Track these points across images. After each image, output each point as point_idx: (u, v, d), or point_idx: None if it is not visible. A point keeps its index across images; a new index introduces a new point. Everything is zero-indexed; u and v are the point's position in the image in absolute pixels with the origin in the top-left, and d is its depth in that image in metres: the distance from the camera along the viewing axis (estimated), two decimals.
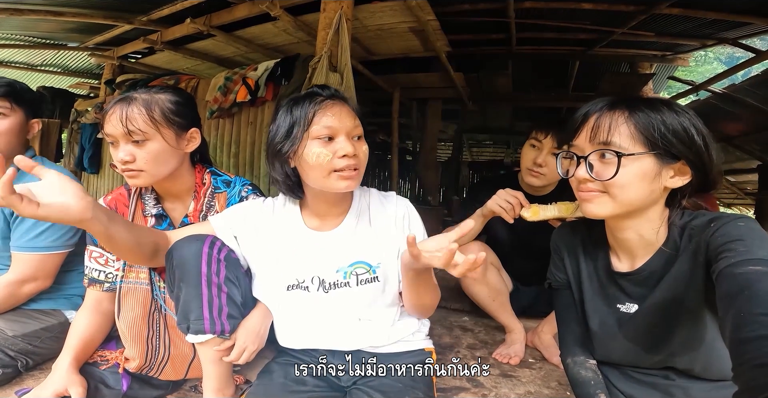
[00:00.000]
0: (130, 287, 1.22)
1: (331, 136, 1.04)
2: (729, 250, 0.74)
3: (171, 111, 1.18)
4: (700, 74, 11.56)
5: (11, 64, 5.22)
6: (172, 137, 1.18)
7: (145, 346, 1.20)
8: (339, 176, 1.03)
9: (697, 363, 0.93)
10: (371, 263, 1.13)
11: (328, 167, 1.03)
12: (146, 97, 1.17)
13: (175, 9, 3.24)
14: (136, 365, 1.20)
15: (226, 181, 1.32)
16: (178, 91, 1.28)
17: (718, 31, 3.80)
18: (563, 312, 1.11)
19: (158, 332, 1.22)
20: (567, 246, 1.11)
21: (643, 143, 0.83)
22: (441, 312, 2.08)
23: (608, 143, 0.84)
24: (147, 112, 1.14)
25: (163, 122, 1.16)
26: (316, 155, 1.02)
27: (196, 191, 1.28)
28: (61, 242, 1.37)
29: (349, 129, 1.05)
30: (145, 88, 1.24)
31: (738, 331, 0.64)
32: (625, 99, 0.87)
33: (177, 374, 1.25)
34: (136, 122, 1.12)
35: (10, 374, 1.29)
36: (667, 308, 0.89)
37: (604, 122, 0.85)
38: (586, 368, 1.02)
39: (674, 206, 0.89)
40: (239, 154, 3.09)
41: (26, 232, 1.33)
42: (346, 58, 2.37)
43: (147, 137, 1.14)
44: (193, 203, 1.27)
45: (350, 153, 1.02)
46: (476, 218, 1.59)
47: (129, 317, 1.20)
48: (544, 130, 1.62)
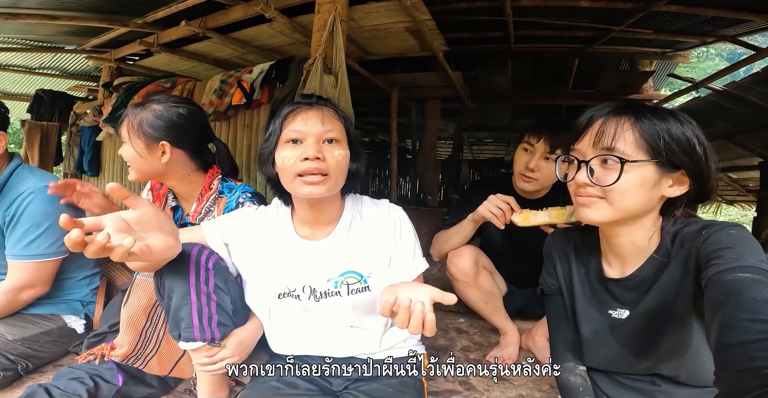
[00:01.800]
0: (143, 279, 1.27)
1: (298, 139, 1.03)
2: (719, 257, 0.74)
3: (148, 123, 1.24)
4: (701, 71, 11.48)
5: (10, 67, 5.22)
6: (141, 147, 1.25)
7: (138, 336, 1.23)
8: (302, 181, 1.02)
9: (683, 369, 0.93)
10: (362, 273, 1.12)
11: (291, 170, 1.02)
12: (147, 104, 1.27)
13: (170, 11, 3.22)
14: (122, 353, 1.22)
15: (230, 187, 1.36)
16: (179, 104, 1.31)
17: (717, 28, 3.76)
18: (554, 319, 1.12)
19: (155, 325, 1.25)
20: (559, 252, 1.11)
21: (646, 151, 0.83)
22: (437, 314, 2.02)
23: (612, 148, 0.84)
24: (132, 118, 1.24)
25: (135, 130, 1.24)
26: (282, 159, 1.03)
27: (201, 195, 1.33)
28: (54, 248, 1.37)
29: (319, 132, 1.03)
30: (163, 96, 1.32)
31: (722, 336, 0.65)
32: (631, 106, 0.87)
33: (162, 369, 1.26)
34: (123, 126, 1.25)
35: (11, 377, 1.32)
36: (657, 314, 0.90)
37: (610, 127, 0.85)
38: (576, 374, 1.03)
39: (669, 214, 0.90)
40: (236, 157, 3.07)
41: (19, 240, 1.33)
42: (341, 60, 2.36)
43: (124, 140, 1.25)
44: (195, 204, 1.33)
45: (311, 156, 1.00)
46: (468, 223, 1.58)
47: (133, 306, 1.24)
48: (536, 134, 1.59)
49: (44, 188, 1.33)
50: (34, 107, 5.28)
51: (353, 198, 1.21)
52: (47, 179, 1.36)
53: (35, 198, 1.33)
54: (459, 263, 1.63)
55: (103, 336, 1.37)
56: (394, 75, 4.82)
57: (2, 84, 5.93)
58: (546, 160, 1.58)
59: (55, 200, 1.34)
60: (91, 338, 1.36)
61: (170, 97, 1.34)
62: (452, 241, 1.65)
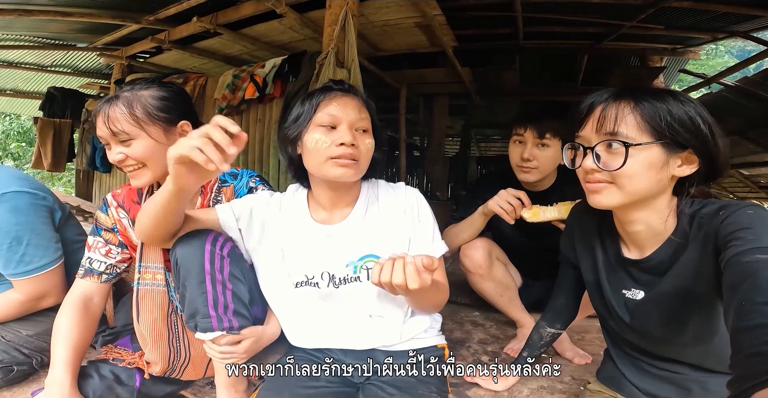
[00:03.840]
0: (147, 289, 1.18)
1: (333, 124, 1.05)
2: (737, 238, 0.73)
3: (155, 107, 1.14)
4: (711, 67, 11.39)
5: (22, 65, 5.28)
6: (159, 133, 1.14)
7: (167, 349, 1.18)
8: (335, 163, 1.03)
9: (710, 355, 0.92)
10: (381, 257, 1.10)
11: (325, 153, 1.03)
12: (128, 95, 1.14)
13: (182, 8, 3.25)
14: (159, 369, 1.18)
15: (232, 173, 1.29)
16: (163, 85, 1.23)
17: (729, 24, 3.73)
18: (557, 284, 1.22)
19: (177, 333, 1.20)
20: (581, 227, 1.10)
21: (649, 133, 0.82)
22: (451, 307, 2.07)
23: (615, 133, 0.83)
24: (128, 110, 1.11)
25: (146, 119, 1.13)
26: (315, 141, 1.03)
27: (203, 186, 1.26)
28: (48, 258, 1.27)
29: (353, 120, 1.06)
30: (128, 85, 1.20)
31: (738, 320, 0.64)
32: (630, 89, 0.87)
33: (197, 373, 1.24)
34: (118, 123, 1.10)
35: (26, 371, 1.30)
36: (677, 297, 0.89)
37: (610, 112, 0.85)
38: (538, 331, 1.22)
39: (682, 194, 0.89)
40: (248, 151, 3.11)
41: (8, 260, 1.23)
42: (353, 55, 2.37)
43: (132, 136, 1.12)
44: (199, 198, 1.26)
45: (348, 142, 1.03)
46: (478, 215, 1.58)
47: (148, 320, 1.17)
48: (522, 124, 1.59)
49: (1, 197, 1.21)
50: (46, 104, 5.33)
51: (369, 182, 1.20)
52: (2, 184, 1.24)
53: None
54: (472, 255, 1.62)
55: (117, 334, 1.35)
56: (403, 71, 4.83)
57: (14, 82, 5.99)
58: (539, 147, 1.58)
59: (22, 208, 1.23)
60: (105, 336, 1.33)
61: (148, 81, 1.26)
62: (463, 235, 1.64)
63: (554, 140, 1.55)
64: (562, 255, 1.17)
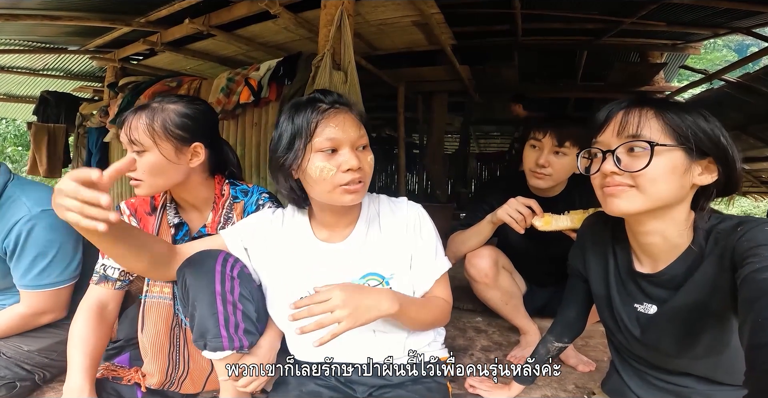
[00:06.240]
0: (154, 301, 1.20)
1: (335, 148, 0.99)
2: (755, 255, 0.73)
3: (173, 123, 1.13)
4: (709, 62, 11.35)
5: (14, 69, 5.21)
6: (170, 151, 1.13)
7: (167, 361, 1.19)
8: (344, 190, 0.99)
9: (720, 368, 0.92)
10: (384, 275, 1.09)
11: (332, 181, 0.98)
12: (156, 105, 1.15)
13: (173, 10, 3.20)
14: (156, 381, 1.18)
15: (244, 190, 1.29)
16: (193, 101, 1.22)
17: (730, 20, 3.70)
18: (564, 297, 1.20)
19: (178, 347, 1.21)
20: (594, 238, 1.09)
21: (673, 137, 0.82)
22: (454, 313, 2.01)
23: (638, 135, 0.83)
24: (149, 121, 1.11)
25: (161, 134, 1.12)
26: (320, 170, 0.98)
27: (215, 203, 1.25)
28: (66, 276, 1.31)
29: (354, 140, 1.00)
30: (168, 96, 1.21)
31: (754, 337, 0.64)
32: (652, 98, 0.88)
33: (195, 387, 1.24)
34: (136, 132, 1.11)
35: (29, 387, 1.30)
36: (691, 312, 0.88)
37: (633, 116, 0.84)
38: (546, 346, 1.19)
39: (699, 207, 0.88)
40: (245, 155, 3.05)
41: (27, 270, 1.27)
42: (349, 56, 2.31)
43: (145, 147, 1.11)
44: (211, 214, 1.25)
45: (354, 167, 0.97)
46: (486, 224, 1.54)
47: (152, 332, 1.18)
48: (542, 129, 1.52)
49: (42, 214, 1.26)
50: (39, 108, 5.27)
51: (369, 197, 1.17)
52: (43, 201, 1.28)
53: (35, 226, 1.26)
54: (478, 264, 1.58)
55: (120, 349, 1.34)
56: (401, 70, 4.79)
57: (7, 86, 5.92)
58: (555, 154, 1.52)
59: (58, 227, 1.27)
60: (109, 350, 1.32)
61: (180, 96, 1.27)
62: (469, 243, 1.60)
63: (573, 149, 1.49)
64: (571, 268, 1.16)
